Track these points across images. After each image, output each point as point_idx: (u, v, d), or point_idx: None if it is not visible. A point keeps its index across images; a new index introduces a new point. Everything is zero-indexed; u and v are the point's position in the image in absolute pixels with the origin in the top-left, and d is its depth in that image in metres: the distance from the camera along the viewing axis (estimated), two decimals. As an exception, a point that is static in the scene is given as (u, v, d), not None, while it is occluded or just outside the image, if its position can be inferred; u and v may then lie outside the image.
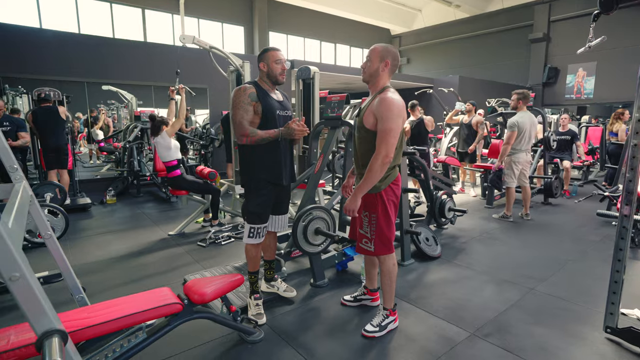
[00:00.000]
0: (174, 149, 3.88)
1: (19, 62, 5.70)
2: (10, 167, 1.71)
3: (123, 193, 6.10)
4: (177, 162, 3.91)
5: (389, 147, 1.85)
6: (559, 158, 6.00)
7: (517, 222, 4.44)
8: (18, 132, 4.55)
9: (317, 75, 5.02)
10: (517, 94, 4.32)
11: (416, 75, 13.23)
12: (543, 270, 3.04)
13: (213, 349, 1.99)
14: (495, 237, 3.91)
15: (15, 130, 4.52)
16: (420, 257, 3.26)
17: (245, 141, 2.11)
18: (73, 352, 1.00)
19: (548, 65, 14.00)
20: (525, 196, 4.59)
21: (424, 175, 3.70)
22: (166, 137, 3.79)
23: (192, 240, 3.81)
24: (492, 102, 7.55)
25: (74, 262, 3.19)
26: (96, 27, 11.23)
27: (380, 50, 1.96)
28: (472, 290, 2.69)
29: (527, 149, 4.37)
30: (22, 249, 0.96)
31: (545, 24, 13.96)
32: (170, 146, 3.82)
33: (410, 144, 5.64)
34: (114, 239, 3.87)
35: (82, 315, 1.54)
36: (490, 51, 15.52)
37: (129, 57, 6.61)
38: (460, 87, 10.82)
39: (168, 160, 3.84)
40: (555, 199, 5.50)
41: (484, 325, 2.21)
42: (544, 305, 2.46)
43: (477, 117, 5.76)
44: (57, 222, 3.05)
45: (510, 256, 3.37)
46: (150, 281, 2.85)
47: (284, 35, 15.37)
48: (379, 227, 2.02)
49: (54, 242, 1.85)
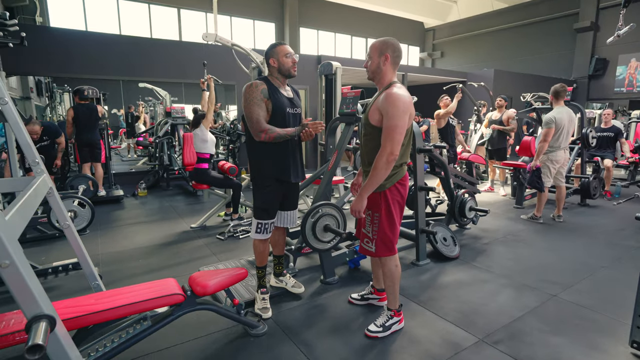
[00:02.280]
0: (210, 142, 4.04)
1: (64, 62, 6.10)
2: (32, 161, 1.84)
3: (154, 186, 6.39)
4: (209, 156, 4.05)
5: (395, 145, 1.80)
6: (599, 156, 5.59)
7: (548, 224, 4.20)
8: (55, 139, 4.85)
9: (339, 70, 4.98)
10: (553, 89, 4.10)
11: (449, 70, 12.80)
12: (569, 276, 2.85)
13: (217, 339, 2.04)
14: (520, 239, 3.72)
15: (53, 139, 4.83)
16: (437, 257, 3.17)
17: (263, 137, 2.09)
18: (63, 336, 1.06)
19: (595, 57, 13.03)
20: (559, 196, 4.33)
21: (444, 172, 3.58)
22: (204, 130, 3.99)
23: (212, 233, 3.93)
24: (527, 96, 7.13)
25: (101, 251, 3.39)
26: (136, 27, 11.77)
27: (378, 45, 1.91)
28: (488, 294, 2.58)
29: (566, 147, 4.12)
30: (17, 239, 1.03)
31: (594, 11, 12.98)
32: (207, 139, 4.00)
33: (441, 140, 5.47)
34: (140, 230, 4.06)
35: (89, 301, 1.63)
36: (530, 43, 14.66)
37: (162, 56, 6.88)
38: (495, 81, 10.34)
39: (202, 152, 3.99)
40: (593, 200, 5.14)
41: (496, 331, 2.11)
42: (565, 314, 2.31)
43: (508, 112, 5.48)
44: (84, 213, 3.25)
45: (534, 260, 3.19)
46: (167, 272, 2.97)
47: (314, 30, 15.35)
48: (381, 227, 1.98)
49: (72, 232, 1.97)
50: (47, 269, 2.80)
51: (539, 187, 4.13)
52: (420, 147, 2.99)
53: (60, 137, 4.90)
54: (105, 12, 11.39)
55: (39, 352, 0.89)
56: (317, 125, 2.17)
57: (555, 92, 4.08)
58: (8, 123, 1.77)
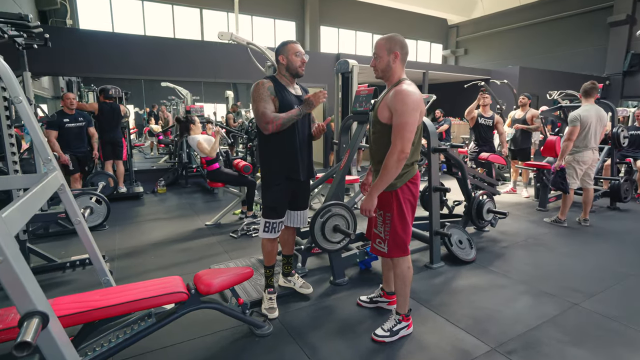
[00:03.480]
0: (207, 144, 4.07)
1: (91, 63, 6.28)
2: (45, 158, 1.89)
3: (173, 183, 6.52)
4: (216, 156, 4.08)
5: (405, 142, 1.74)
6: (632, 157, 5.29)
7: (573, 228, 4.00)
8: (88, 128, 4.85)
9: (355, 68, 4.93)
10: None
11: (472, 67, 12.44)
12: (594, 283, 2.69)
13: (222, 338, 2.04)
14: (542, 243, 3.55)
15: (87, 125, 4.79)
16: (452, 260, 3.06)
17: (271, 128, 2.06)
18: (57, 333, 1.06)
19: (631, 52, 12.36)
20: (586, 199, 4.11)
21: (461, 173, 3.46)
22: (194, 137, 4.01)
23: (226, 231, 3.95)
24: (553, 94, 6.81)
25: (118, 246, 3.47)
26: (160, 28, 12.06)
27: (385, 43, 1.85)
28: (504, 300, 2.46)
29: (594, 147, 3.91)
30: (14, 236, 1.04)
31: (630, 4, 12.30)
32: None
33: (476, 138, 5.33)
34: (157, 226, 4.14)
35: (95, 297, 1.65)
36: (559, 38, 14.04)
37: (183, 55, 6.99)
38: (521, 78, 9.97)
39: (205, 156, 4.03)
40: (624, 204, 4.86)
41: (509, 340, 2.01)
42: (587, 324, 2.18)
43: (532, 110, 5.25)
44: (100, 209, 3.34)
45: (556, 265, 3.03)
46: (178, 268, 3.00)
47: (335, 29, 15.28)
48: (393, 227, 1.92)
49: (83, 228, 2.01)
50: (65, 263, 2.88)
51: (563, 189, 3.93)
52: (435, 146, 2.89)
53: (92, 128, 4.93)
54: (130, 14, 11.73)
55: (27, 349, 0.90)
56: (318, 95, 2.10)
57: (585, 90, 3.91)
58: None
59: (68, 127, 4.50)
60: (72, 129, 4.55)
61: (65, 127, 4.47)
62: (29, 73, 3.58)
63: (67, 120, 4.50)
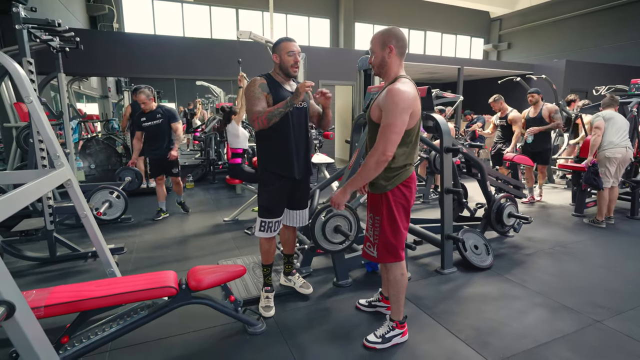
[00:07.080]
0: (242, 137, 4.12)
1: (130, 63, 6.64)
2: (53, 155, 2.00)
3: (202, 179, 6.75)
4: (242, 151, 4.15)
5: (388, 144, 1.66)
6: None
7: (610, 236, 3.65)
8: (171, 123, 4.31)
9: (376, 65, 4.79)
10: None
11: (514, 62, 11.75)
12: (624, 299, 2.44)
13: (215, 334, 2.07)
14: (570, 251, 3.27)
15: (168, 121, 4.29)
16: (466, 266, 2.91)
17: (258, 125, 2.03)
18: (24, 322, 1.12)
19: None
20: (611, 197, 3.95)
21: (480, 174, 3.27)
22: (235, 126, 4.07)
23: (242, 227, 4.02)
24: (600, 89, 6.24)
25: (138, 239, 3.64)
26: (198, 29, 12.52)
27: (379, 37, 1.77)
28: (515, 312, 2.30)
29: (627, 145, 3.75)
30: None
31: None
32: (238, 134, 4.08)
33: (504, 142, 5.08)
34: (177, 221, 4.30)
35: (90, 287, 1.74)
36: (611, 30, 12.84)
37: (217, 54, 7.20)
38: (567, 72, 9.25)
39: (235, 147, 4.11)
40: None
41: (512, 356, 1.87)
42: (606, 345, 1.98)
43: (548, 105, 4.70)
44: (119, 203, 3.51)
45: (582, 277, 2.78)
46: (189, 262, 3.09)
47: (370, 25, 15.04)
48: (382, 231, 1.85)
49: (89, 222, 2.12)
50: (87, 253, 3.07)
51: (596, 185, 3.71)
52: (448, 146, 2.75)
53: (177, 123, 4.34)
54: (171, 16, 12.27)
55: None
56: (302, 84, 1.97)
57: (605, 103, 4.01)
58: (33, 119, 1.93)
59: (145, 126, 4.22)
60: (149, 128, 4.23)
61: (143, 127, 4.23)
62: (63, 74, 3.85)
63: (144, 119, 4.21)
